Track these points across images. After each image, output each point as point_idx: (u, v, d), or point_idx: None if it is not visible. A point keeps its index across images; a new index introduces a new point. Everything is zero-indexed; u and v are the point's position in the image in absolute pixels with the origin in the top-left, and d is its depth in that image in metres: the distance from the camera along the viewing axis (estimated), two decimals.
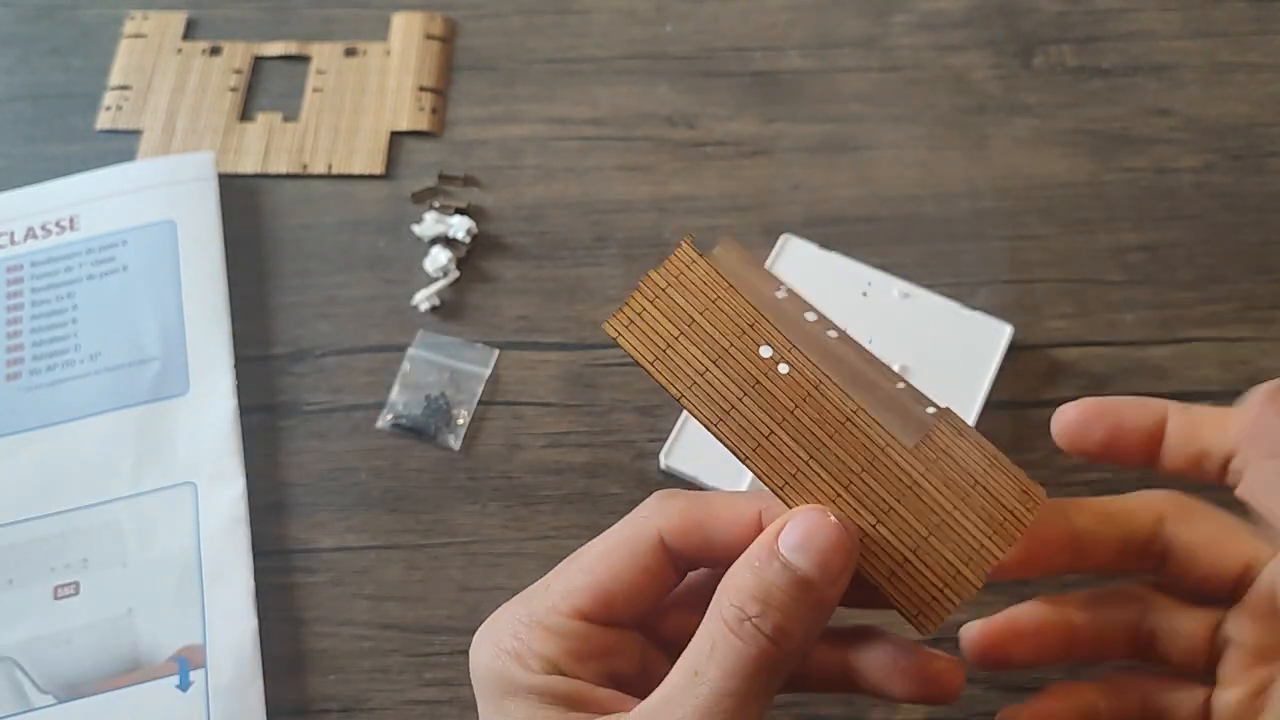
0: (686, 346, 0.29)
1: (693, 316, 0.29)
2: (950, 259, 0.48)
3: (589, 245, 0.49)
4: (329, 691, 0.39)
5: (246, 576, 0.40)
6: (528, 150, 0.52)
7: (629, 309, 0.29)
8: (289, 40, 0.55)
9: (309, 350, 0.46)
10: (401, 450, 0.44)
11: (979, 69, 0.54)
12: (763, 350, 0.29)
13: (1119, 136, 0.52)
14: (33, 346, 0.45)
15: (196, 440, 0.43)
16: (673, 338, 0.29)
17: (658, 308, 0.29)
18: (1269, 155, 0.51)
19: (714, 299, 0.29)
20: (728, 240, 0.31)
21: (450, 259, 0.48)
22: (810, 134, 0.52)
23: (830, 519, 0.27)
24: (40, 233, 0.48)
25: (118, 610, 0.40)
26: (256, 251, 0.49)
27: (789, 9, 0.56)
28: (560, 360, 0.46)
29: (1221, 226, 0.49)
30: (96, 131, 0.52)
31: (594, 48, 0.55)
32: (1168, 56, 0.54)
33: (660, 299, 0.29)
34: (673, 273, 0.29)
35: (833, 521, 0.27)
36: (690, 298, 0.29)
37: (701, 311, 0.29)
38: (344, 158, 0.51)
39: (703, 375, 0.29)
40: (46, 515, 0.42)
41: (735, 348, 0.29)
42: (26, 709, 0.38)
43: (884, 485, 0.28)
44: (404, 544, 0.42)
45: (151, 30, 0.55)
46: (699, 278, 0.29)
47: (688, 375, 0.29)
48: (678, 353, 0.29)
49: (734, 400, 0.29)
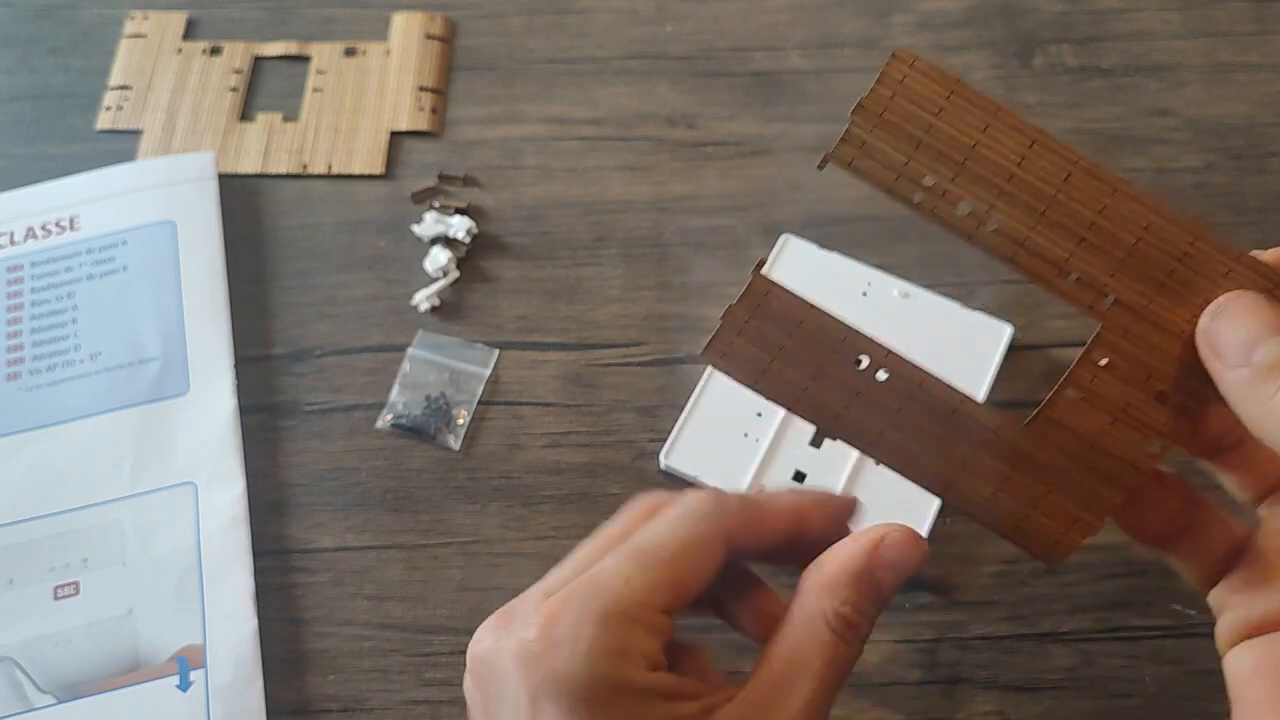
0: (782, 369, 0.30)
1: (782, 342, 0.30)
2: (950, 259, 0.48)
3: (589, 245, 0.49)
4: (329, 691, 0.39)
5: (246, 577, 0.40)
6: (528, 150, 0.52)
7: (719, 341, 0.30)
8: (289, 40, 0.55)
9: (309, 350, 0.46)
10: (401, 450, 0.44)
11: (979, 69, 0.54)
12: (861, 361, 0.30)
13: (1119, 136, 0.52)
14: (33, 346, 0.45)
15: (196, 440, 0.43)
16: (767, 363, 0.30)
17: (746, 338, 0.30)
18: (1269, 155, 0.51)
19: (799, 321, 0.30)
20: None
21: (450, 259, 0.48)
22: (810, 134, 0.52)
23: (923, 543, 0.30)
24: (40, 233, 0.48)
25: (118, 610, 0.40)
26: (256, 251, 0.49)
27: (789, 9, 0.56)
28: (560, 360, 0.46)
29: (1221, 226, 0.49)
30: (96, 131, 0.52)
31: (594, 48, 0.55)
32: (1168, 56, 0.54)
33: (746, 330, 0.30)
34: (752, 303, 0.30)
35: (923, 545, 0.30)
36: (775, 325, 0.30)
37: (789, 335, 0.30)
38: (344, 158, 0.51)
39: (804, 391, 0.30)
40: (46, 515, 0.42)
41: (831, 363, 0.30)
42: (26, 709, 0.38)
43: (999, 460, 0.30)
44: (404, 544, 0.42)
45: (151, 30, 0.55)
46: (780, 304, 0.30)
47: (790, 394, 0.30)
48: (776, 375, 0.30)
49: (839, 410, 0.30)
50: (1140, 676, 0.39)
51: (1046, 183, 0.29)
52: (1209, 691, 0.38)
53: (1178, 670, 0.39)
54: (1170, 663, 0.39)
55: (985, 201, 0.29)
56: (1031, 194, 0.29)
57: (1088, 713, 0.38)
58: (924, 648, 0.39)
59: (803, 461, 0.43)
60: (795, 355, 0.30)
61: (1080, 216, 0.29)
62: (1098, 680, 0.39)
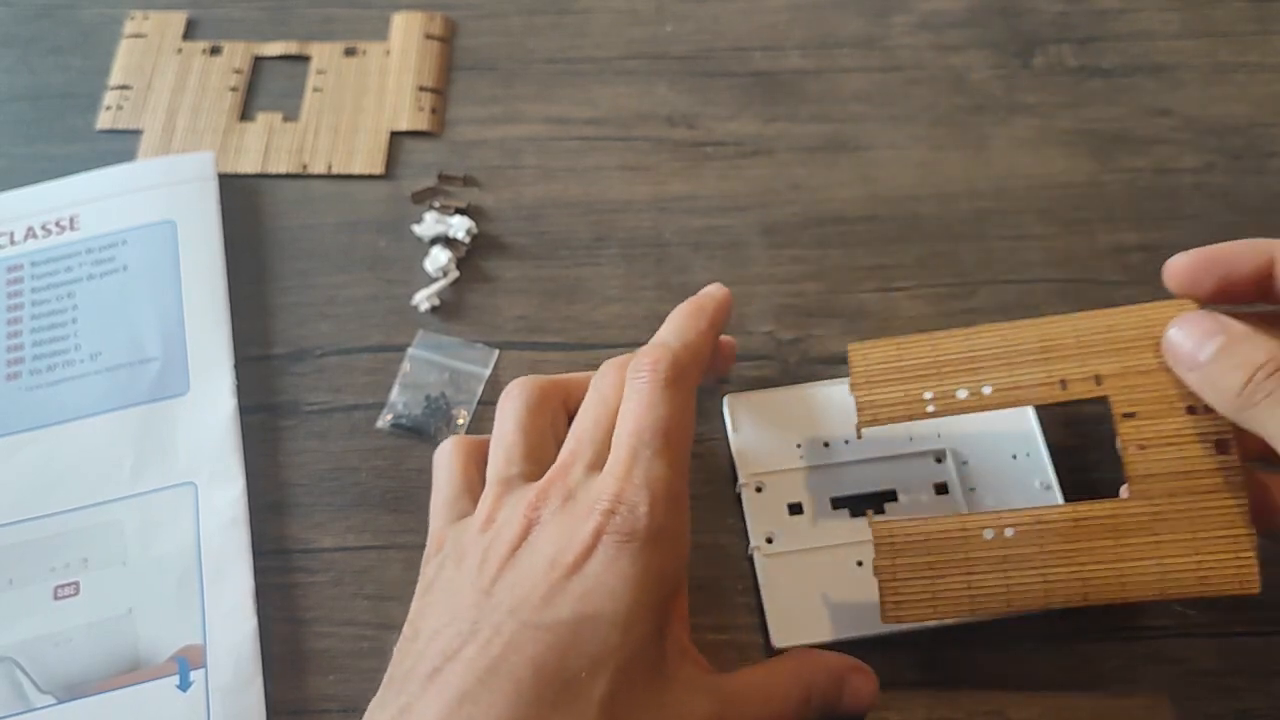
0: (944, 584, 0.35)
1: (928, 563, 0.35)
2: (950, 259, 0.48)
3: (589, 245, 0.49)
4: (329, 691, 0.39)
5: (246, 576, 0.40)
6: (528, 150, 0.52)
7: (887, 601, 0.35)
8: (289, 40, 0.55)
9: (309, 350, 0.46)
10: (401, 450, 0.44)
11: (979, 69, 0.54)
12: (985, 533, 0.35)
13: (1119, 136, 0.52)
14: (33, 346, 0.45)
15: (196, 440, 0.43)
16: (932, 590, 0.35)
17: (901, 580, 0.35)
18: (1269, 155, 0.51)
19: (925, 537, 0.36)
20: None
21: (450, 259, 0.48)
22: (810, 134, 0.52)
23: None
24: (40, 232, 0.48)
25: (118, 610, 0.40)
26: (256, 251, 0.49)
27: (789, 9, 0.56)
28: (560, 360, 0.46)
29: (1221, 226, 0.49)
30: (96, 131, 0.52)
31: (594, 48, 0.55)
32: (1168, 56, 0.54)
33: (897, 574, 0.35)
34: (885, 548, 0.36)
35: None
36: (912, 553, 0.36)
37: (927, 552, 0.35)
38: (344, 158, 0.51)
39: (968, 591, 0.35)
40: (46, 515, 0.42)
41: (971, 550, 0.35)
42: (26, 709, 0.38)
43: (1140, 535, 0.34)
44: (404, 544, 0.42)
45: (151, 30, 0.55)
46: (903, 532, 0.36)
47: (963, 602, 0.35)
48: (943, 594, 0.35)
49: (1005, 586, 0.35)
50: (1140, 676, 0.39)
51: (996, 346, 0.37)
52: (1209, 692, 0.38)
53: (1178, 670, 0.39)
54: (1170, 663, 0.39)
55: (970, 381, 0.36)
56: (993, 358, 0.37)
57: (1088, 713, 0.38)
58: (924, 647, 0.39)
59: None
60: (942, 565, 0.35)
61: (1032, 349, 0.37)
62: (1098, 680, 0.39)
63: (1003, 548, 0.35)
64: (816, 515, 0.40)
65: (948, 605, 0.35)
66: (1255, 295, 0.36)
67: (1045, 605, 0.35)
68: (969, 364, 0.37)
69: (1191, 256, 0.36)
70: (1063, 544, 0.35)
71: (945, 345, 0.37)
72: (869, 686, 0.35)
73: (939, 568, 0.35)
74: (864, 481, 0.41)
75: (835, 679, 0.35)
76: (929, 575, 0.35)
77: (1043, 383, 0.36)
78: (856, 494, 0.41)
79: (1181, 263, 0.36)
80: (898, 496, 0.41)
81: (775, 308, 0.47)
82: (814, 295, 0.47)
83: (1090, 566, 0.34)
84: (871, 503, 0.41)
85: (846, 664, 0.35)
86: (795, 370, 0.45)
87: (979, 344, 0.37)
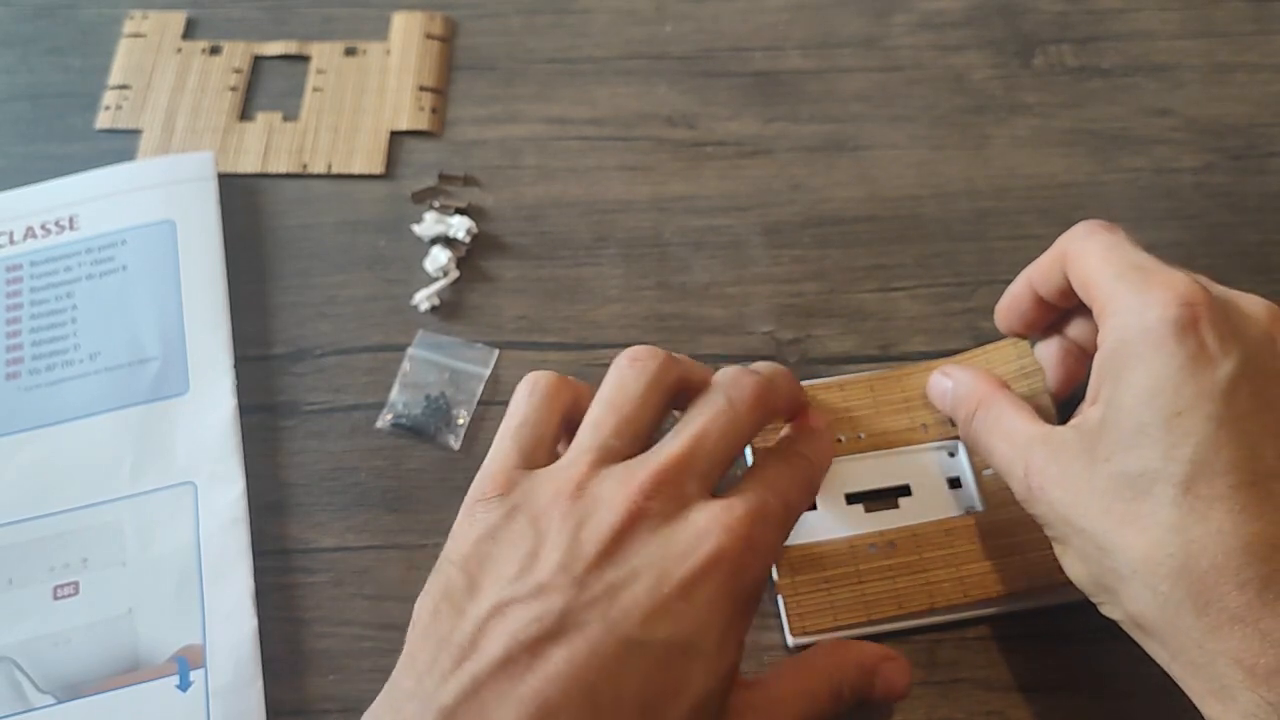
0: (840, 595, 0.39)
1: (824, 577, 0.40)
2: (950, 259, 0.48)
3: (589, 245, 0.49)
4: (329, 691, 0.39)
5: (246, 577, 0.40)
6: (528, 150, 0.52)
7: (793, 617, 0.38)
8: (289, 40, 0.55)
9: (309, 350, 0.46)
10: (401, 450, 0.44)
11: (979, 69, 0.54)
12: (872, 546, 0.40)
13: (1119, 136, 0.52)
14: (32, 346, 0.45)
15: (196, 440, 0.43)
16: (830, 601, 0.39)
17: (802, 596, 0.39)
18: (1269, 155, 0.51)
19: (819, 554, 0.40)
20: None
21: (450, 259, 0.48)
22: (810, 134, 0.52)
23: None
24: (40, 232, 0.48)
25: (117, 610, 0.40)
26: (256, 251, 0.49)
27: (789, 9, 0.56)
28: (560, 360, 0.46)
29: (1221, 226, 0.49)
30: (96, 131, 0.52)
31: (594, 48, 0.55)
32: (1168, 56, 0.54)
33: (798, 590, 0.39)
34: (785, 567, 0.39)
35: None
36: (808, 569, 0.39)
37: (821, 568, 0.40)
38: (344, 157, 0.51)
39: (863, 599, 0.39)
40: (46, 515, 0.42)
41: (859, 562, 0.39)
42: (26, 709, 0.38)
43: (1000, 539, 0.39)
44: (404, 544, 0.42)
45: (151, 30, 0.55)
46: (800, 553, 0.40)
47: (860, 610, 0.39)
48: (842, 605, 0.39)
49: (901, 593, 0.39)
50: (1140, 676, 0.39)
51: (865, 399, 0.42)
52: None
53: None
54: None
55: (848, 431, 0.42)
56: (864, 409, 0.42)
57: (1088, 713, 0.38)
58: (924, 648, 0.39)
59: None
60: (837, 579, 0.39)
61: (897, 400, 0.42)
62: (1098, 680, 0.39)
63: (887, 558, 0.39)
64: (830, 510, 0.41)
65: (846, 614, 0.38)
66: (1067, 303, 0.38)
67: (931, 606, 0.38)
68: (846, 414, 0.42)
69: (1006, 297, 0.40)
70: (937, 550, 0.39)
71: (823, 397, 0.42)
72: (902, 677, 0.35)
73: (834, 580, 0.39)
74: (876, 477, 0.41)
75: (866, 671, 0.34)
76: (826, 588, 0.39)
77: (905, 428, 0.41)
78: (870, 489, 0.41)
79: (1001, 305, 0.41)
80: (911, 491, 0.41)
81: (775, 308, 0.47)
82: (814, 295, 0.47)
83: (966, 567, 0.39)
84: (884, 498, 0.41)
85: (878, 654, 0.35)
86: (796, 370, 0.45)
87: (851, 396, 0.42)
